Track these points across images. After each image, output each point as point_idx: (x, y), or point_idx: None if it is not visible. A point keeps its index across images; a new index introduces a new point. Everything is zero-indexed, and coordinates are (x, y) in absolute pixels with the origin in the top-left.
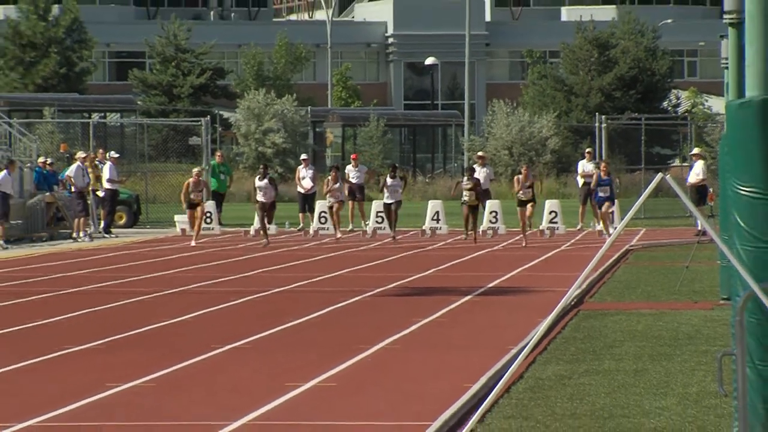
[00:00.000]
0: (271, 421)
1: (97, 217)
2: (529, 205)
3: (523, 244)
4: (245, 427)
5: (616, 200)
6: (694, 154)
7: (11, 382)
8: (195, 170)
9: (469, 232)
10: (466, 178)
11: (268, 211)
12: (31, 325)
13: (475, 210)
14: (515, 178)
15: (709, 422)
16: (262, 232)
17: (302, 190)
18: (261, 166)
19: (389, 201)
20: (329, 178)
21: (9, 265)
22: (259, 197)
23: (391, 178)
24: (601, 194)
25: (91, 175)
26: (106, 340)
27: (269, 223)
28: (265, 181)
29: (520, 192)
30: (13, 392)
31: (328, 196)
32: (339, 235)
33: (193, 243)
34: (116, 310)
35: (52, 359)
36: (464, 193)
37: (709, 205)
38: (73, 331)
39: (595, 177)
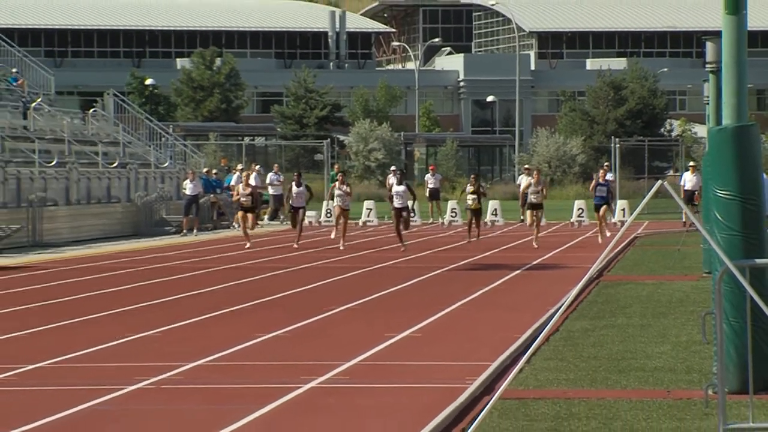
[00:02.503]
0: (374, 361)
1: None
2: (537, 210)
3: (535, 246)
4: (355, 366)
5: (611, 202)
6: (692, 166)
7: (186, 333)
8: (245, 173)
9: (472, 239)
10: (469, 185)
11: (301, 215)
12: (200, 291)
13: (478, 214)
14: (527, 181)
15: (695, 363)
16: (298, 234)
17: (392, 192)
18: (295, 174)
19: (399, 205)
20: (336, 181)
21: (185, 248)
22: (293, 202)
23: (398, 184)
24: (598, 195)
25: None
26: (253, 302)
27: (301, 227)
28: (302, 187)
29: (532, 196)
30: (188, 340)
31: (336, 199)
32: (342, 247)
33: (247, 245)
34: (261, 281)
35: (215, 316)
36: (468, 197)
37: (694, 204)
38: (230, 295)
39: (594, 181)
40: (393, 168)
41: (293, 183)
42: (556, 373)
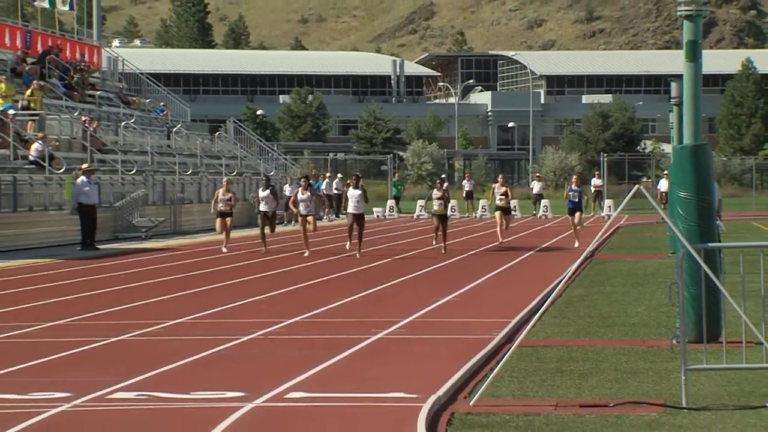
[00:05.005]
0: (425, 319)
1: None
2: (503, 213)
3: (500, 241)
4: (411, 322)
5: (583, 209)
6: (666, 174)
7: (285, 298)
8: (225, 179)
9: (439, 244)
10: (435, 189)
11: (270, 220)
12: (294, 267)
13: (444, 219)
14: (492, 186)
15: (663, 320)
16: (261, 240)
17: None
18: (264, 178)
19: (354, 211)
20: (299, 188)
21: (285, 235)
22: (262, 207)
23: (354, 188)
24: (573, 199)
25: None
26: (334, 275)
27: (272, 231)
28: (267, 191)
29: (497, 199)
30: (287, 303)
31: (300, 204)
32: (307, 253)
33: (224, 249)
34: (337, 260)
35: (306, 285)
36: (435, 203)
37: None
38: (316, 270)
39: (567, 188)
40: (443, 176)
41: (260, 188)
42: (559, 328)
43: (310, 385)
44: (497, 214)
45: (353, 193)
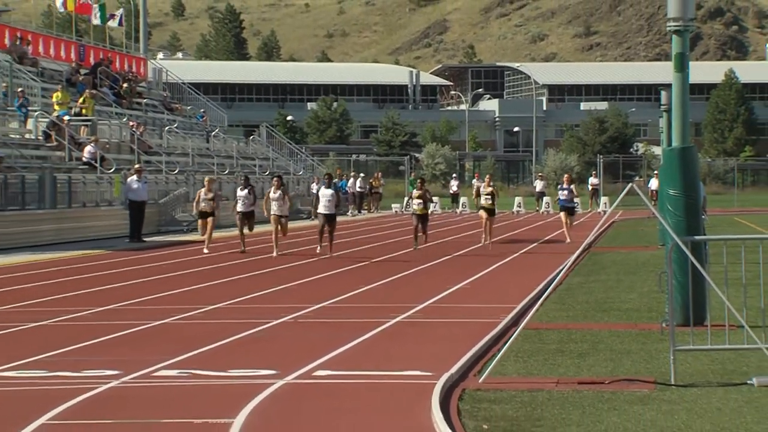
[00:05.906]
0: (439, 304)
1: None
2: (489, 214)
3: (489, 248)
4: (426, 307)
5: (576, 206)
6: (656, 173)
7: (313, 286)
8: (206, 179)
9: (419, 246)
10: (415, 189)
11: (248, 219)
12: (313, 260)
13: (424, 219)
14: (478, 185)
15: (653, 305)
16: (240, 239)
17: (451, 191)
18: (243, 178)
19: (325, 212)
20: (272, 187)
21: (313, 228)
22: (239, 207)
23: (326, 188)
24: (562, 197)
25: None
26: (356, 265)
27: (250, 230)
28: (246, 191)
29: (482, 199)
30: (314, 290)
31: (273, 204)
32: (275, 254)
33: (205, 250)
34: (358, 251)
35: (332, 274)
36: (414, 202)
37: (652, 200)
38: (339, 260)
39: (559, 187)
40: (454, 175)
41: (239, 188)
42: (560, 312)
43: (335, 364)
44: (481, 213)
45: (324, 193)
